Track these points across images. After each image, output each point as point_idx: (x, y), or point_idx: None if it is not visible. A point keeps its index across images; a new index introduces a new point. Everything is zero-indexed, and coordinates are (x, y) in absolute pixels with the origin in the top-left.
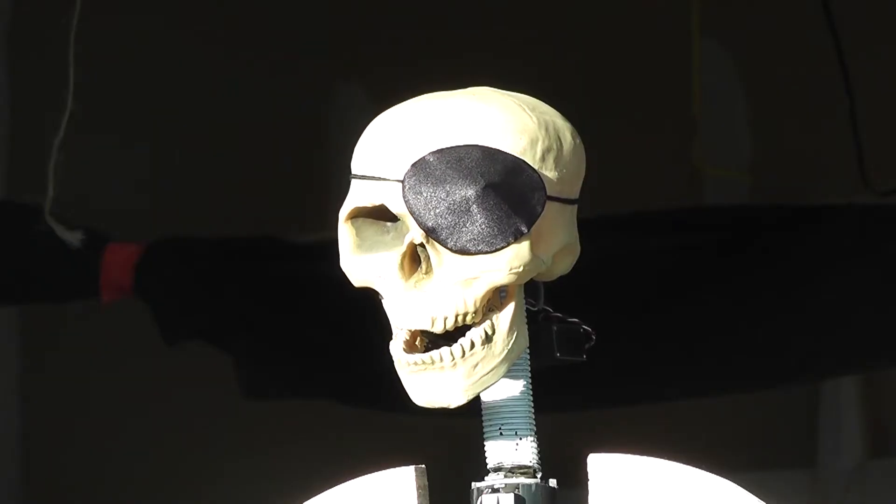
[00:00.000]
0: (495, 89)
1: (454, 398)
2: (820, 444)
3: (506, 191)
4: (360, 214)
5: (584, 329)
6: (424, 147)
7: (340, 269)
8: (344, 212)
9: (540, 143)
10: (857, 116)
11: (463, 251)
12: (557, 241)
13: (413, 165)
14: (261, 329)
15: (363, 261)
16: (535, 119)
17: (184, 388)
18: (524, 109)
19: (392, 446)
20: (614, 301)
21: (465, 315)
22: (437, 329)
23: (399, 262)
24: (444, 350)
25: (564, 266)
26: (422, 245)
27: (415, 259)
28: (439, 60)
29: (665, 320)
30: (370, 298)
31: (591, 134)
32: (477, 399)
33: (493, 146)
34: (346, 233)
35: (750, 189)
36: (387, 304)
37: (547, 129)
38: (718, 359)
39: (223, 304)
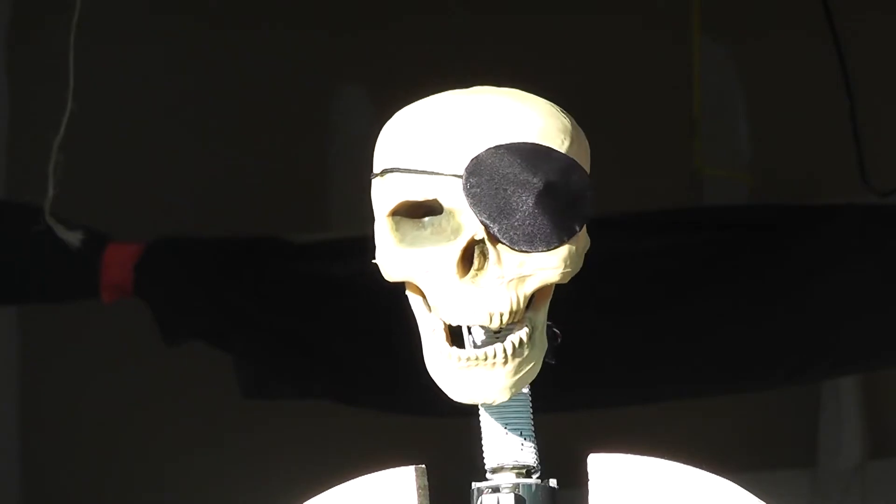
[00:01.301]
0: (513, 89)
1: (499, 395)
2: (820, 444)
3: (562, 189)
4: (404, 209)
5: (553, 331)
6: (482, 142)
7: (340, 270)
8: (387, 206)
9: (574, 143)
10: (857, 116)
11: (520, 248)
12: (586, 240)
13: (473, 160)
14: (261, 329)
15: (407, 255)
16: (567, 120)
17: (184, 388)
18: (556, 110)
19: (392, 446)
20: (614, 301)
21: (515, 312)
22: (494, 325)
23: (458, 257)
24: (498, 346)
25: (581, 264)
26: (480, 241)
27: (468, 255)
28: (439, 61)
29: (665, 320)
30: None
31: (591, 134)
32: None
33: (545, 144)
34: (387, 227)
35: (750, 189)
36: (435, 300)
37: (576, 131)
38: (718, 359)
39: (223, 304)
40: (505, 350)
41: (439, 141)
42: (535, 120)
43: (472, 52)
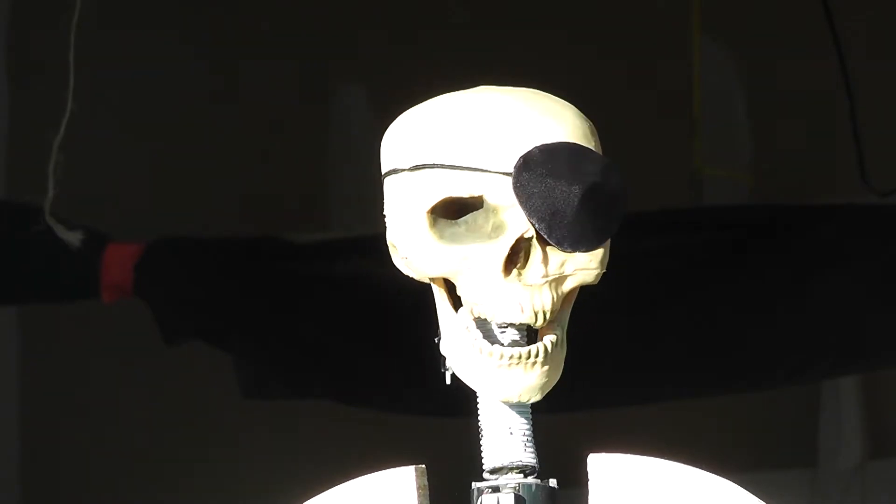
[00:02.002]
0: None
1: (535, 394)
2: (820, 444)
3: (602, 191)
4: (444, 206)
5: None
6: (528, 141)
7: (340, 270)
8: (427, 202)
9: (597, 146)
10: (857, 116)
11: (566, 248)
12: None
13: (521, 158)
14: (261, 329)
15: (448, 251)
16: (589, 122)
17: (184, 388)
18: (578, 112)
19: (392, 446)
20: (614, 301)
21: (554, 312)
22: (539, 324)
23: (506, 254)
24: (540, 345)
25: None
26: (528, 239)
27: (512, 253)
28: (439, 61)
29: (665, 320)
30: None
31: None
32: (476, 398)
33: (584, 145)
34: (426, 223)
35: (750, 189)
36: (477, 297)
37: (595, 132)
38: (718, 358)
39: (223, 304)
40: (545, 349)
41: (485, 138)
42: (573, 120)
43: (471, 52)
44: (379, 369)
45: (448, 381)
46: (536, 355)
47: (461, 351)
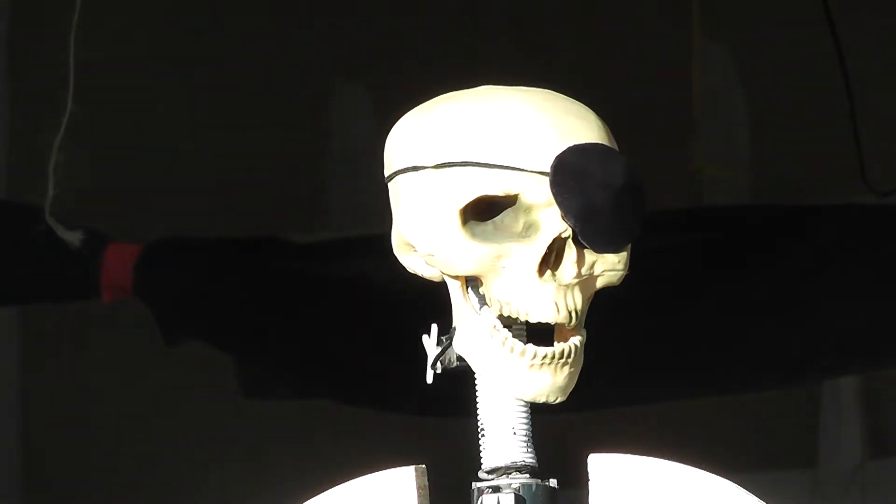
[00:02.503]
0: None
1: (561, 395)
2: (820, 444)
3: (630, 191)
4: (475, 204)
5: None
6: (563, 141)
7: (340, 270)
8: (462, 200)
9: (615, 146)
10: (857, 116)
11: (598, 248)
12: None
13: (558, 158)
14: (261, 329)
15: (482, 250)
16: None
17: (184, 388)
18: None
19: (392, 446)
20: (614, 301)
21: (583, 312)
22: (572, 324)
23: (542, 254)
24: (569, 346)
25: None
26: (564, 239)
27: (547, 252)
28: (439, 61)
29: (665, 320)
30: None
31: None
32: (475, 398)
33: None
34: (457, 222)
35: (750, 189)
36: (510, 296)
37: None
38: (718, 358)
39: (223, 305)
40: (572, 350)
41: (521, 137)
42: (596, 122)
43: (472, 52)
44: (379, 369)
45: (430, 380)
46: (568, 356)
47: (485, 350)
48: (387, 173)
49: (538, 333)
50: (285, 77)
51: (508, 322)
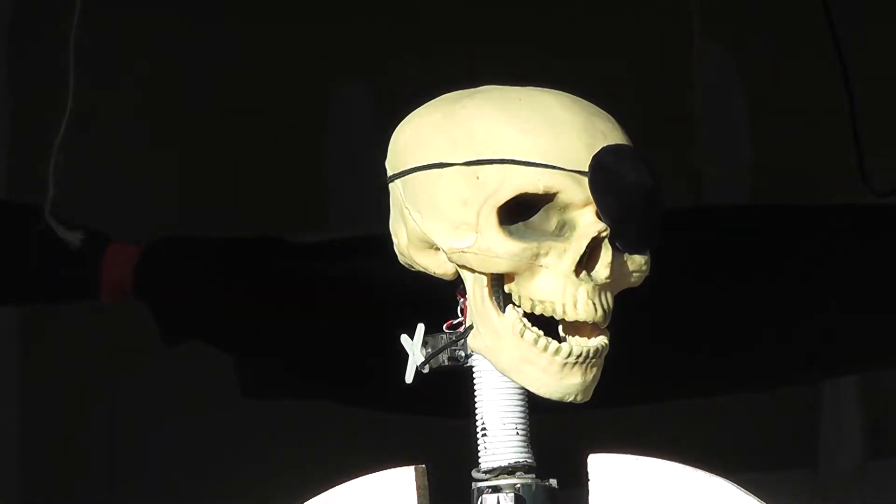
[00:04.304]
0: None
1: (586, 395)
2: (820, 444)
3: (656, 194)
4: (513, 202)
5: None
6: (596, 141)
7: (340, 270)
8: (501, 197)
9: None
10: (857, 116)
11: (630, 249)
12: None
13: (595, 159)
14: (261, 329)
15: (520, 248)
16: None
17: (184, 388)
18: None
19: (392, 446)
20: (614, 301)
21: (612, 311)
22: (605, 323)
23: (581, 253)
24: (602, 344)
25: None
26: (600, 239)
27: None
28: (439, 61)
29: (665, 320)
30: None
31: None
32: (475, 398)
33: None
34: (495, 219)
35: (750, 189)
36: (546, 294)
37: None
38: (718, 359)
39: (223, 304)
40: (602, 350)
41: (558, 135)
42: (616, 122)
43: (472, 52)
44: (379, 369)
45: (409, 381)
46: (598, 355)
47: (510, 348)
48: (394, 171)
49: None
50: (285, 77)
51: (534, 321)
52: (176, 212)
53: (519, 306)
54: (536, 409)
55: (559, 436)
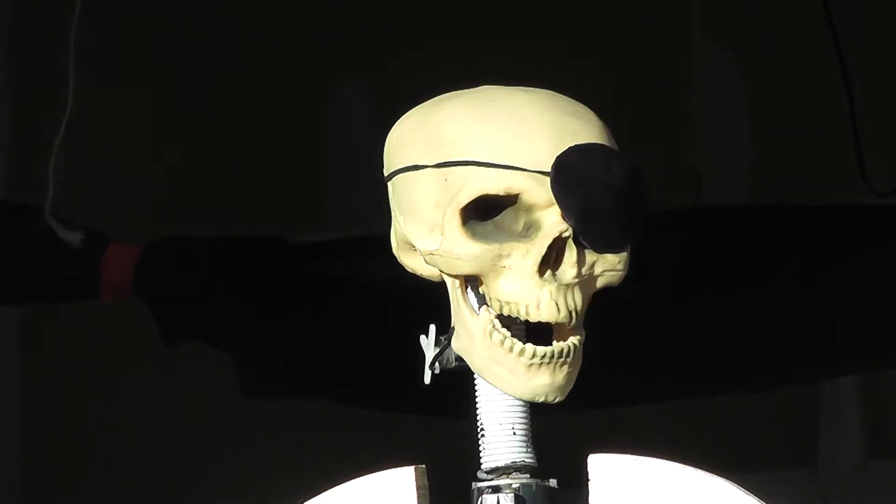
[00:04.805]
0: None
1: (559, 395)
2: (820, 444)
3: (632, 191)
4: (478, 203)
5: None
6: (565, 141)
7: (340, 270)
8: (464, 199)
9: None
10: (857, 116)
11: (599, 249)
12: None
13: (559, 159)
14: (261, 329)
15: (482, 249)
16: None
17: (184, 388)
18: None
19: (392, 446)
20: (614, 301)
21: (582, 312)
22: (572, 324)
23: (542, 254)
24: (570, 345)
25: None
26: (564, 239)
27: (547, 252)
28: (439, 61)
29: (665, 320)
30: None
31: None
32: (476, 398)
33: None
34: (459, 221)
35: (750, 189)
36: (511, 295)
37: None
38: (718, 359)
39: (223, 304)
40: (572, 350)
41: (522, 136)
42: (597, 122)
43: (472, 52)
44: (379, 369)
45: (427, 381)
46: (567, 355)
47: (483, 349)
48: (386, 172)
49: (537, 333)
50: (285, 77)
51: (508, 322)
52: (176, 212)
53: (491, 307)
54: (536, 409)
55: (559, 436)
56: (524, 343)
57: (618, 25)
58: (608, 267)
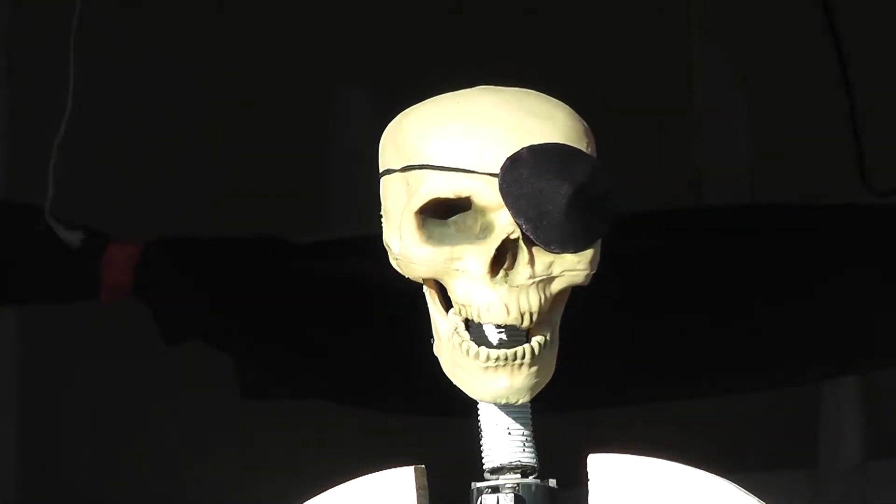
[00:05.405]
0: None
1: (523, 395)
2: (820, 444)
3: (592, 191)
4: (432, 206)
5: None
6: (517, 142)
7: (340, 270)
8: (416, 203)
9: (592, 146)
10: (857, 116)
11: (553, 249)
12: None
13: (509, 160)
14: (261, 329)
15: (436, 252)
16: (583, 123)
17: (184, 388)
18: (572, 112)
19: (392, 446)
20: (613, 301)
21: (542, 313)
22: (525, 325)
23: (492, 256)
24: (526, 347)
25: None
26: (514, 240)
27: (499, 254)
28: (439, 61)
29: (664, 320)
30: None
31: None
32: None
33: (574, 146)
34: (414, 224)
35: (750, 189)
36: (465, 298)
37: (590, 133)
38: (718, 358)
39: (223, 304)
40: (533, 351)
41: (475, 139)
42: (564, 121)
43: (473, 52)
44: (378, 369)
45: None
46: (523, 357)
47: (448, 352)
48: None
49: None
50: (286, 77)
51: (478, 324)
52: (176, 212)
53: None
54: (536, 409)
55: (559, 436)
56: (479, 346)
57: (618, 25)
58: (568, 267)
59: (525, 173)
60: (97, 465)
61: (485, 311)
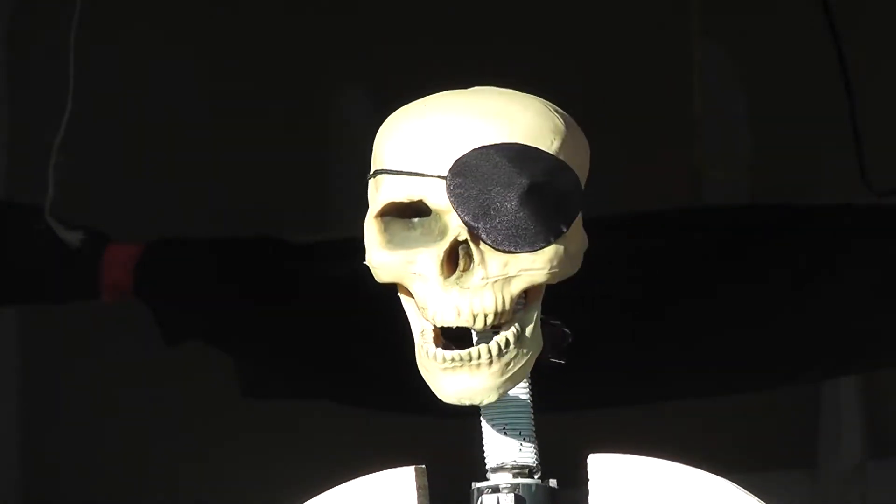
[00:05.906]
0: (508, 89)
1: (486, 396)
2: (820, 444)
3: (547, 190)
4: (391, 210)
5: (563, 330)
6: (467, 143)
7: (340, 270)
8: (375, 207)
9: (567, 143)
10: (857, 116)
11: (504, 249)
12: (581, 240)
13: (457, 161)
14: (261, 329)
15: (394, 257)
16: (561, 120)
17: (184, 388)
18: (550, 110)
19: (392, 446)
20: (613, 301)
21: (502, 313)
22: (478, 326)
23: (441, 258)
24: (483, 347)
25: (579, 265)
26: (464, 242)
27: (453, 256)
28: (440, 62)
29: (664, 320)
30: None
31: (591, 134)
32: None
33: (533, 145)
34: (375, 228)
35: (750, 189)
36: (422, 301)
37: (570, 130)
38: (718, 359)
39: (223, 304)
40: (490, 350)
41: (425, 142)
42: (524, 120)
43: (473, 52)
44: (379, 369)
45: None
46: (479, 357)
47: (417, 355)
48: None
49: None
50: (286, 77)
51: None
52: (176, 212)
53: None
54: (537, 409)
55: (559, 436)
56: (439, 347)
57: (618, 26)
58: (525, 266)
59: (473, 174)
60: (97, 464)
61: (438, 313)
